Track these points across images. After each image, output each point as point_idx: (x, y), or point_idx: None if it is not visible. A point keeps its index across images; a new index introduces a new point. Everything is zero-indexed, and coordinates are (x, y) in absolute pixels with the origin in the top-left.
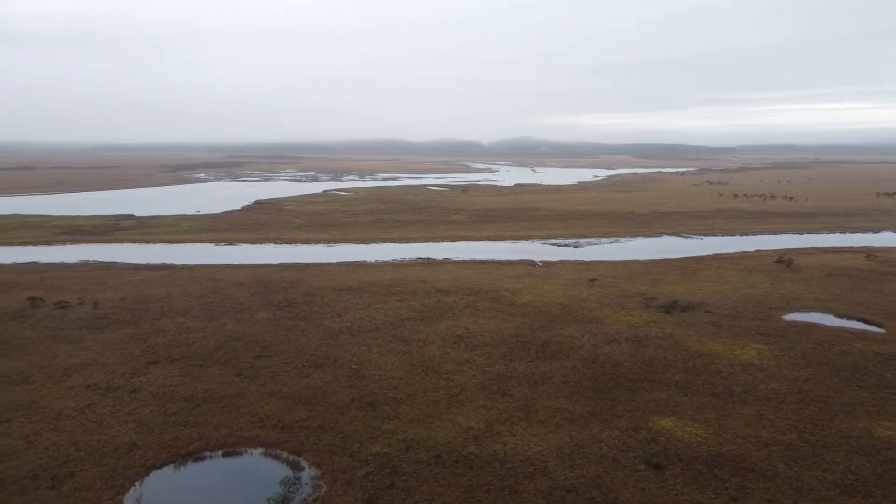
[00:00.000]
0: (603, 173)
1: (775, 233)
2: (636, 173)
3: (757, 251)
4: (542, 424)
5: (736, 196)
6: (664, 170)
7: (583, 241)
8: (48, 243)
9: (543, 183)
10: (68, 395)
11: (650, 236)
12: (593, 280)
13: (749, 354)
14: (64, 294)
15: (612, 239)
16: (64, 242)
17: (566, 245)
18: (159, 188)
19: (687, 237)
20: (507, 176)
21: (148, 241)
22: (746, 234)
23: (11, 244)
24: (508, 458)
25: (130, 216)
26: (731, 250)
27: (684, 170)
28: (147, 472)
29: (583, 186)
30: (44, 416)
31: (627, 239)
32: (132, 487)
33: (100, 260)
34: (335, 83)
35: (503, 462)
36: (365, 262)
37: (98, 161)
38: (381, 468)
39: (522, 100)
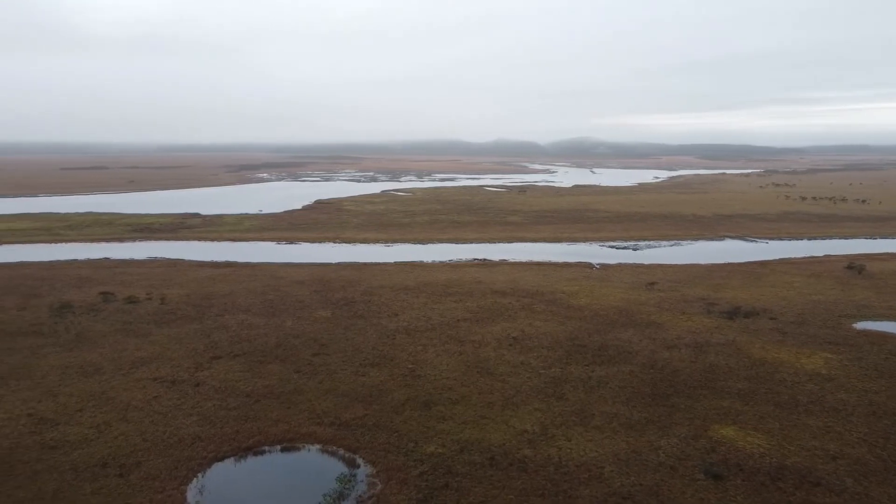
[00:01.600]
0: (664, 175)
1: (846, 237)
2: (698, 175)
3: (826, 256)
4: (598, 430)
5: (804, 199)
6: (728, 171)
7: (642, 243)
8: (120, 240)
9: (602, 184)
10: (136, 387)
11: (712, 239)
12: (652, 284)
13: (816, 364)
14: (133, 289)
15: (672, 242)
16: (134, 239)
17: (625, 248)
18: (224, 188)
19: (751, 241)
20: (565, 177)
21: (213, 239)
22: (815, 239)
23: (86, 241)
24: (563, 462)
25: (196, 215)
26: (798, 255)
27: (749, 171)
28: (209, 464)
29: (642, 188)
30: (113, 407)
31: (689, 242)
32: (195, 478)
33: (167, 257)
34: (395, 84)
35: (558, 466)
36: (422, 262)
37: (167, 161)
38: (436, 468)
39: (581, 100)
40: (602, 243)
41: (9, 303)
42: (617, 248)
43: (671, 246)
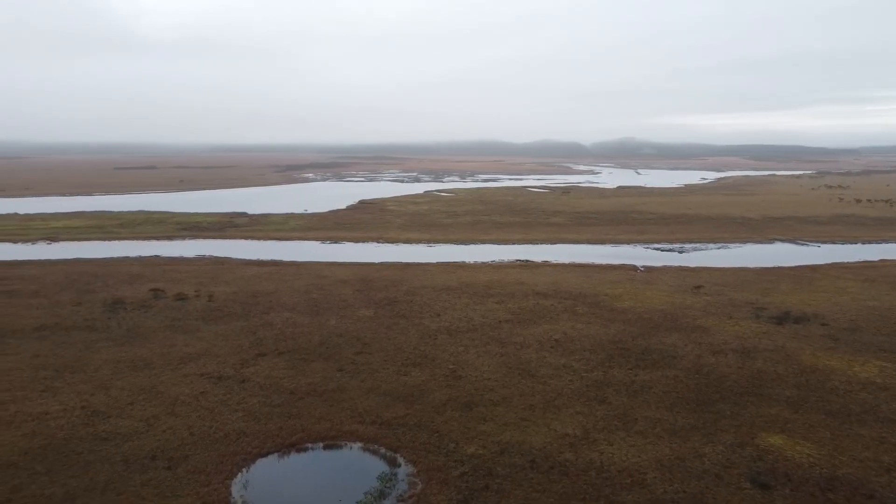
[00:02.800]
0: (711, 176)
1: None
2: (747, 176)
3: (881, 261)
4: (641, 435)
5: (858, 201)
6: (778, 172)
7: (688, 246)
8: (169, 238)
9: (647, 185)
10: (184, 382)
11: (761, 242)
12: (699, 287)
13: (870, 372)
14: (182, 286)
15: (719, 244)
16: (183, 238)
17: (670, 250)
18: (270, 187)
19: (802, 244)
20: (610, 178)
21: (259, 238)
22: (869, 243)
23: (138, 239)
24: (605, 467)
25: (243, 214)
26: (852, 259)
27: (801, 173)
28: (253, 460)
29: (689, 189)
30: (162, 401)
31: (737, 245)
32: (239, 473)
33: (215, 255)
34: (439, 85)
35: (599, 471)
36: (464, 262)
37: (215, 161)
38: (476, 469)
39: (627, 100)
40: (647, 245)
41: (65, 298)
42: (662, 251)
43: (718, 249)
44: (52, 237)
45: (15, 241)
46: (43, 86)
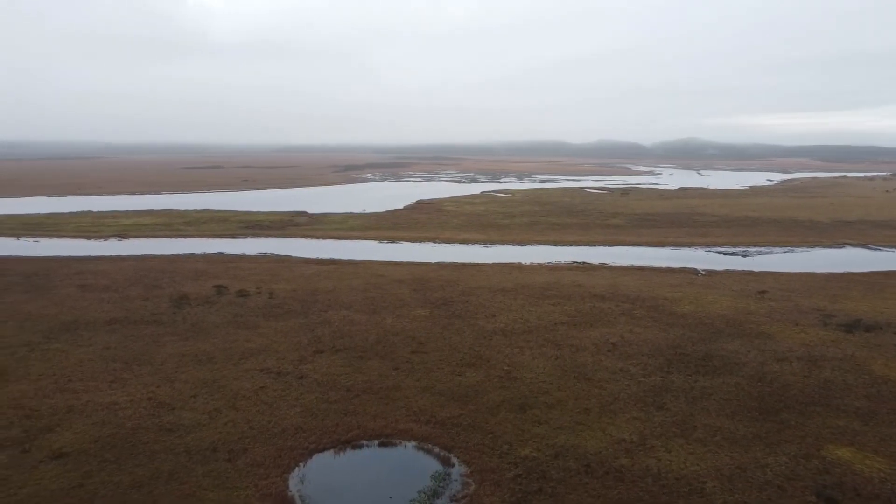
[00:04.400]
0: (777, 177)
1: None
2: (816, 178)
3: None
4: (701, 443)
5: None
6: (850, 174)
7: (752, 249)
8: (233, 236)
9: (710, 187)
10: (245, 377)
11: (831, 247)
12: (763, 292)
13: None
14: (244, 283)
15: (785, 248)
16: (246, 236)
17: (733, 253)
18: (330, 187)
19: (875, 249)
20: (670, 179)
21: (318, 237)
22: None
23: (203, 236)
24: (662, 474)
25: (304, 213)
26: None
27: (874, 174)
28: (310, 455)
29: (754, 191)
30: (224, 395)
31: (804, 249)
32: (296, 468)
33: (276, 253)
34: (498, 84)
35: (656, 478)
36: (520, 263)
37: (277, 161)
38: (530, 472)
39: (688, 99)
40: (708, 248)
41: (134, 293)
42: (724, 254)
43: (784, 253)
44: (123, 234)
45: (89, 238)
46: (116, 89)
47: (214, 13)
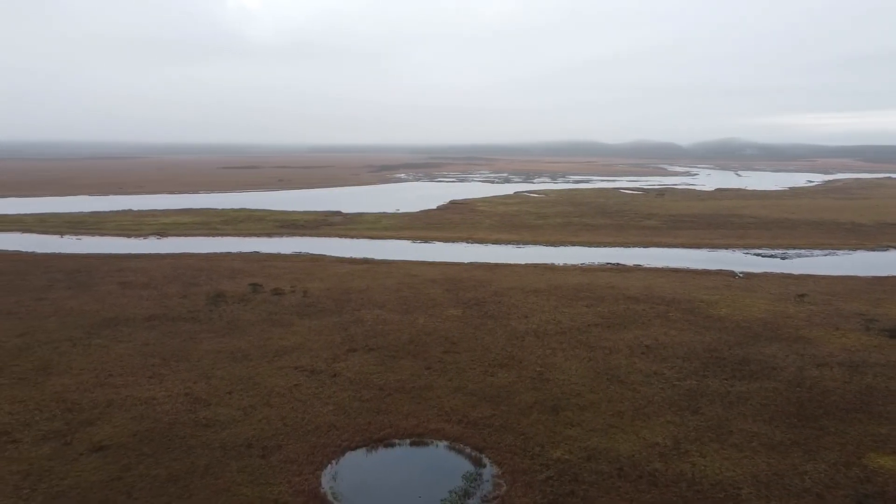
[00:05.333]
0: (818, 178)
1: None
2: (859, 179)
3: None
4: (736, 448)
5: None
6: (895, 175)
7: (791, 252)
8: (269, 235)
9: (748, 188)
10: (279, 374)
11: (874, 250)
12: (802, 296)
13: None
14: (279, 282)
15: (826, 251)
16: (281, 235)
17: (772, 256)
18: (364, 187)
19: None
20: (708, 180)
21: (352, 237)
22: None
23: (239, 235)
24: (696, 479)
25: (338, 212)
26: None
27: None
28: (342, 453)
29: (794, 192)
30: (258, 392)
31: (846, 252)
32: (329, 465)
33: (310, 252)
34: (532, 84)
35: (690, 483)
36: (553, 264)
37: (312, 161)
38: (562, 474)
39: (726, 99)
40: (746, 251)
41: (172, 290)
42: (763, 257)
43: (825, 255)
44: (162, 232)
45: (129, 236)
46: (156, 91)
47: (252, 15)
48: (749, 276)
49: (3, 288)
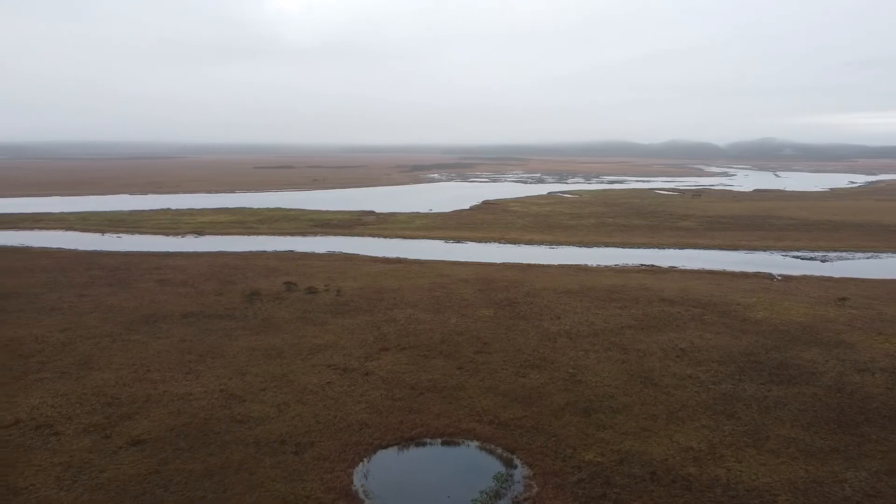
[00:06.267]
0: (861, 179)
1: None
2: None
3: None
4: (773, 454)
5: None
6: None
7: (832, 254)
8: (303, 234)
9: (787, 189)
10: (312, 372)
11: None
12: (843, 299)
13: None
14: (313, 280)
15: (869, 254)
16: (315, 234)
17: (811, 258)
18: (397, 187)
19: None
20: (745, 180)
21: (385, 236)
22: None
23: (274, 234)
24: (732, 485)
25: (371, 212)
26: None
27: None
28: (374, 451)
29: (835, 193)
30: (292, 389)
31: (889, 254)
32: (361, 463)
33: (344, 251)
34: (565, 84)
35: (725, 489)
36: (586, 265)
37: (346, 161)
38: (594, 477)
39: (763, 98)
40: (784, 253)
41: (209, 288)
42: (802, 259)
43: (867, 258)
44: (199, 231)
45: (167, 234)
46: (193, 92)
47: (289, 17)
48: (788, 278)
49: (46, 284)
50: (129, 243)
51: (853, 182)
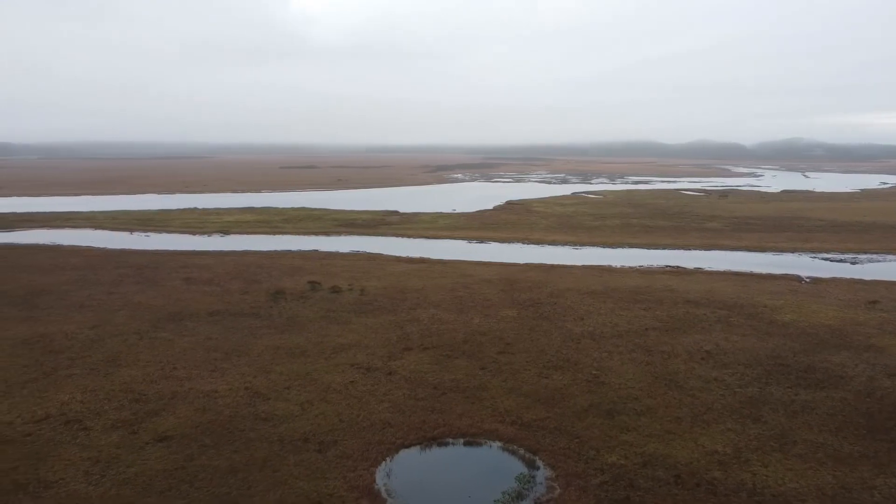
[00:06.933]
0: (893, 180)
1: None
2: None
3: None
4: (801, 459)
5: None
6: None
7: (862, 256)
8: (327, 234)
9: (816, 190)
10: (336, 371)
11: None
12: (874, 302)
13: None
14: (337, 280)
15: None
16: (339, 234)
17: (841, 261)
18: (421, 187)
19: None
20: (773, 181)
21: (409, 236)
22: None
23: (299, 234)
24: (758, 490)
25: (395, 212)
26: None
27: None
28: (396, 450)
29: (866, 194)
30: (316, 388)
31: None
32: (383, 462)
33: (367, 251)
34: (589, 84)
35: (751, 494)
36: (610, 266)
37: (370, 161)
38: (617, 480)
39: (792, 97)
40: (813, 255)
41: (235, 287)
42: (831, 261)
43: None
44: (225, 230)
45: (194, 233)
46: (220, 94)
47: (314, 18)
48: (816, 280)
49: (76, 282)
50: (157, 242)
51: (885, 183)
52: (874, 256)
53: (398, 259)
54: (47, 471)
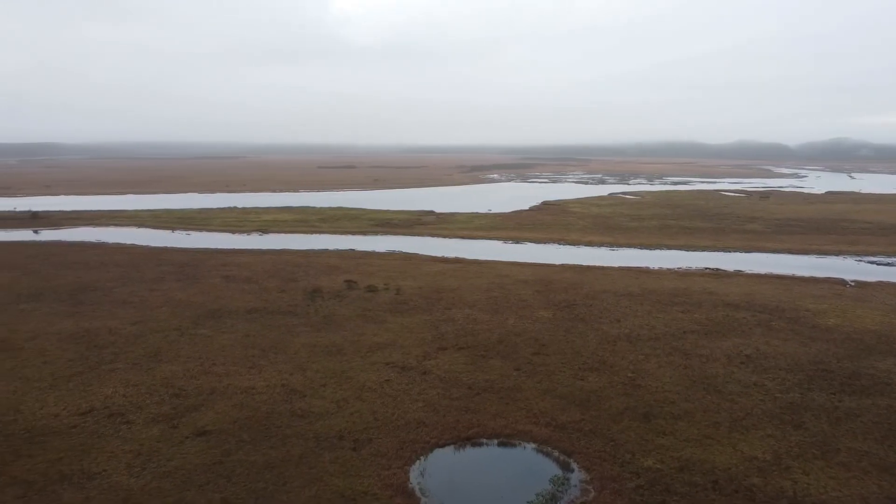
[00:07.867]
0: None
1: None
2: None
3: None
4: (844, 467)
5: None
6: None
7: None
8: (363, 233)
9: (862, 191)
10: (371, 370)
11: None
12: None
13: None
14: (373, 279)
15: None
16: (376, 233)
17: (888, 264)
18: (457, 187)
19: None
20: (817, 182)
21: (444, 236)
22: None
23: (336, 233)
24: (799, 498)
25: (431, 212)
26: None
27: None
28: (430, 449)
29: None
30: (351, 386)
31: None
32: (417, 461)
33: (403, 251)
34: (627, 82)
35: (791, 501)
36: (647, 268)
37: (406, 161)
38: (653, 484)
39: (837, 96)
40: (859, 258)
41: (272, 285)
42: (878, 265)
43: None
44: (264, 229)
45: (233, 232)
46: (260, 93)
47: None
48: (861, 284)
49: (120, 278)
50: (198, 240)
51: None
52: None
53: (434, 259)
54: (91, 462)
